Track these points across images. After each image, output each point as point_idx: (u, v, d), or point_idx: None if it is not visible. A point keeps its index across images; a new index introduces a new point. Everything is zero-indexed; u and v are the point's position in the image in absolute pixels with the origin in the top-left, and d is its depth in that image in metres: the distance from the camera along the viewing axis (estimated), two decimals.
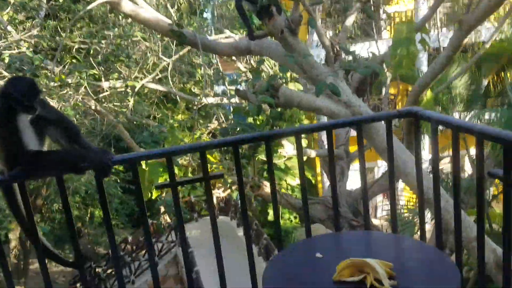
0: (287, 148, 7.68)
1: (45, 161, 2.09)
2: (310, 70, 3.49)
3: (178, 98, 9.12)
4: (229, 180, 9.60)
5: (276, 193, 2.43)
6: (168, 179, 2.32)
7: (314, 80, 3.60)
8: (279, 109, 7.08)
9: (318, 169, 14.76)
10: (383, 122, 3.04)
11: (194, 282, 9.64)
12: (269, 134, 2.50)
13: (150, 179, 11.92)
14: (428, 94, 6.24)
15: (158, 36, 7.26)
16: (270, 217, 14.73)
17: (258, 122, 8.00)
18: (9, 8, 5.90)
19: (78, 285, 13.83)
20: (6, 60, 5.31)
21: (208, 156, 9.59)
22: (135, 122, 9.04)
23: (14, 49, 5.61)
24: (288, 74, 7.74)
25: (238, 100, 7.29)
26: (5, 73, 5.47)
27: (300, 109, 4.02)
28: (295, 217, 14.70)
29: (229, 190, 9.65)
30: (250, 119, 7.36)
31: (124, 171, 14.98)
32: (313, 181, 15.06)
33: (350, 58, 4.09)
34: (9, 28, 6.36)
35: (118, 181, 14.01)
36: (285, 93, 3.35)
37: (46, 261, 2.25)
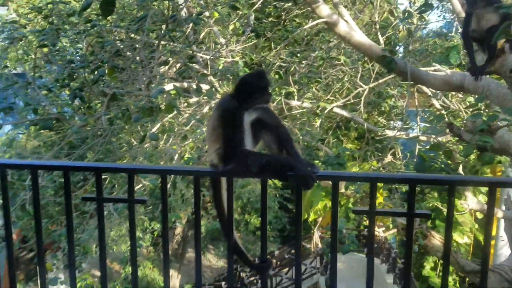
0: (470, 200, 6.83)
1: (257, 162, 2.16)
2: None
3: (357, 126, 9.04)
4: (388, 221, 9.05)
5: (450, 248, 2.09)
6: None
7: None
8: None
9: (494, 232, 12.92)
10: None
11: None
12: (456, 179, 2.18)
13: (309, 201, 11.98)
14: None
15: (360, 62, 7.35)
16: (425, 271, 13.41)
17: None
18: (236, 20, 6.66)
19: (223, 283, 14.64)
20: (220, 67, 5.97)
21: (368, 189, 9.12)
22: (305, 144, 9.20)
23: (228, 58, 6.29)
24: None
25: (425, 138, 6.85)
26: (212, 79, 6.13)
27: None
28: (460, 280, 13.04)
29: (393, 231, 9.05)
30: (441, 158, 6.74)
31: (283, 188, 15.46)
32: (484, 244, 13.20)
33: None
34: (222, 39, 7.17)
35: (277, 195, 14.51)
36: (502, 137, 2.94)
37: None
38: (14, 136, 11.26)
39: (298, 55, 7.36)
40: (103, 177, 6.74)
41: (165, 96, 5.12)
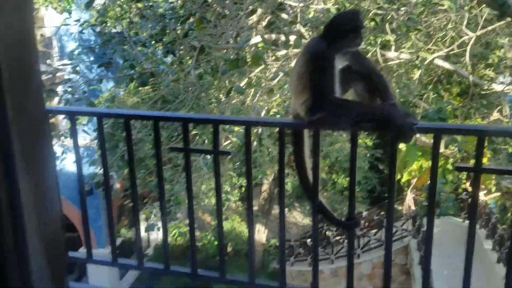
0: None
1: (348, 112, 1.96)
2: None
3: (460, 80, 8.17)
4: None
5: None
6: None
7: None
8: None
9: None
10: None
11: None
12: None
13: (404, 161, 11.32)
14: None
15: (466, 7, 6.56)
16: None
17: None
18: None
19: (308, 240, 14.82)
20: (311, 15, 5.66)
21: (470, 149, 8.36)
22: (401, 99, 8.66)
23: (319, 6, 5.93)
24: None
25: None
26: (302, 29, 5.85)
27: None
28: None
29: (495, 195, 8.28)
30: None
31: (374, 147, 14.91)
32: None
33: None
34: None
35: (368, 155, 14.05)
36: None
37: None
38: (116, 93, 12.06)
39: (396, 1, 6.69)
40: (194, 132, 6.95)
41: (252, 49, 5.02)
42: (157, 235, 15.19)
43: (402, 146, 10.85)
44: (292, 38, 5.48)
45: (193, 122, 3.10)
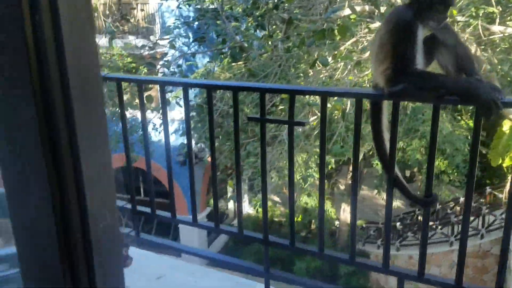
0: None
1: (430, 84, 1.87)
2: None
3: None
4: None
5: None
6: None
7: None
8: None
9: None
10: None
11: None
12: None
13: (506, 145, 10.30)
14: None
15: None
16: None
17: None
18: None
19: (397, 224, 14.31)
20: None
21: None
22: (508, 78, 7.85)
23: None
24: None
25: None
26: (398, 0, 5.48)
27: None
28: None
29: None
30: None
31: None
32: None
33: None
34: None
35: (468, 137, 12.96)
36: None
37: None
38: (210, 68, 12.46)
39: None
40: (281, 108, 6.94)
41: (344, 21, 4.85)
42: (242, 207, 15.63)
43: (505, 128, 9.89)
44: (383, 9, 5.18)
45: (270, 92, 3.12)
